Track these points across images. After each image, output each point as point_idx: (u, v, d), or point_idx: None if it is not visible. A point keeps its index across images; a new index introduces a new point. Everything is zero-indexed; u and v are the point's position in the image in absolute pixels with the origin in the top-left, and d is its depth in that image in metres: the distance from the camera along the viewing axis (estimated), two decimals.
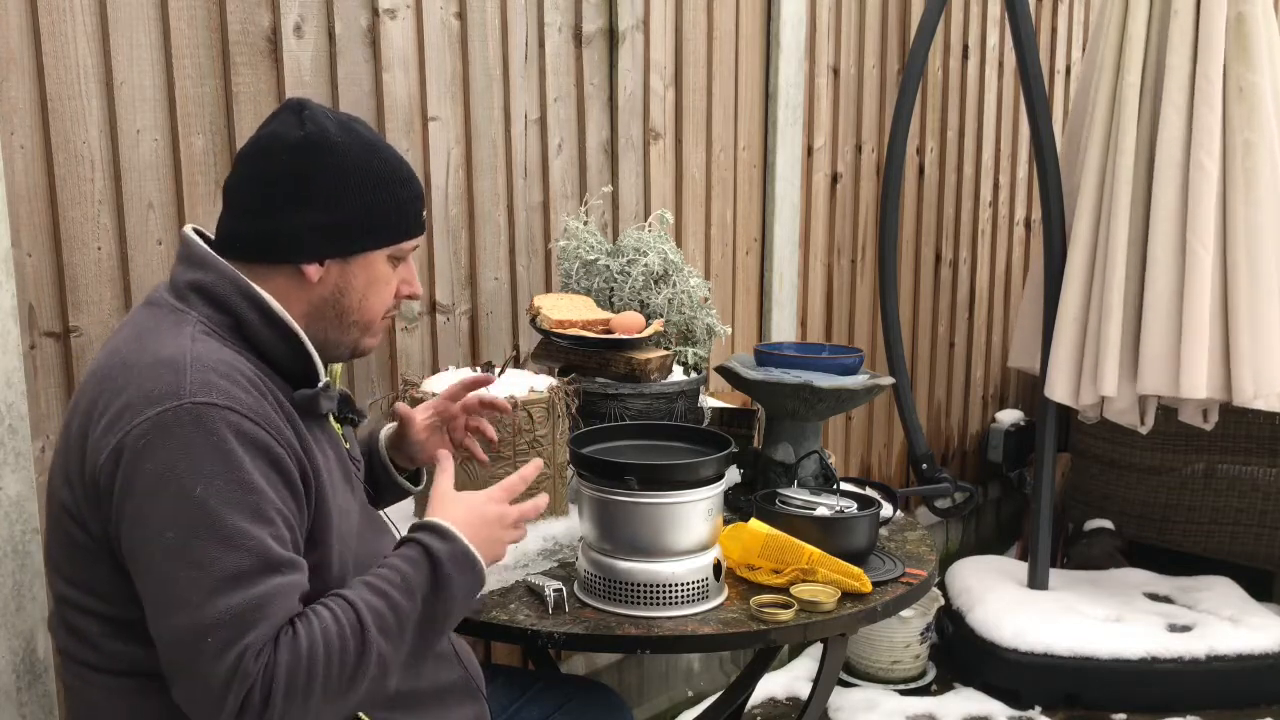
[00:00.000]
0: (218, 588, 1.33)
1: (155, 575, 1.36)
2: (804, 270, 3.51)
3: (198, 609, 1.32)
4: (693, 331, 2.50)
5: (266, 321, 1.49)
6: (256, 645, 1.33)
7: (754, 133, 3.26)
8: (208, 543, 1.34)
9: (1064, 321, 3.39)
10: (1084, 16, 4.52)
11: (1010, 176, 4.33)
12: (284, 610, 1.37)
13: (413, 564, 1.48)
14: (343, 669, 1.38)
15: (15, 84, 1.83)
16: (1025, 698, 3.40)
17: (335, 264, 1.53)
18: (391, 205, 1.55)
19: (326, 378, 1.55)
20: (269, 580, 1.36)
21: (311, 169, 1.50)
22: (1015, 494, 4.46)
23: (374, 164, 1.53)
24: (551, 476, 2.15)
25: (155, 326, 1.47)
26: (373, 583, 1.45)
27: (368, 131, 1.57)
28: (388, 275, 1.58)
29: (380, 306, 1.59)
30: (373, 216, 1.53)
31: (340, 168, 1.51)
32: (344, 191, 1.51)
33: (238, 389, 1.41)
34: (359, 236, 1.53)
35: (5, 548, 1.87)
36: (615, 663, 3.08)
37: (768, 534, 1.99)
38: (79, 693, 1.53)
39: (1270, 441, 3.77)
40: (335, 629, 1.38)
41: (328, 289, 1.54)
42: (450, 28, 2.46)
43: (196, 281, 1.50)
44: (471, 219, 2.57)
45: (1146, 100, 3.26)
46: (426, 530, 1.52)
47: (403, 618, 1.43)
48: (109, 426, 1.38)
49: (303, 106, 1.54)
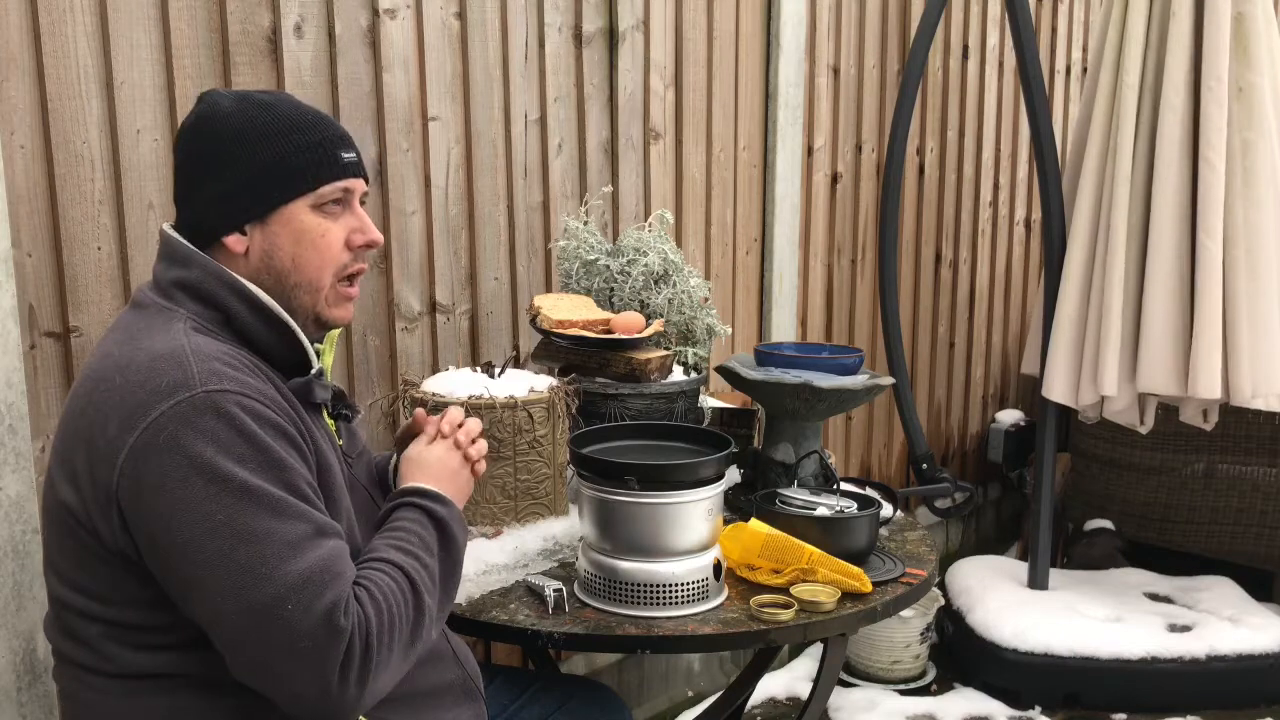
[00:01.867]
0: (284, 555, 1.34)
1: (209, 561, 1.34)
2: (804, 270, 3.51)
3: (268, 580, 1.33)
4: (693, 331, 2.50)
5: (253, 310, 1.49)
6: (341, 602, 1.35)
7: (754, 133, 3.26)
8: (260, 516, 1.34)
9: (1062, 321, 3.39)
10: (1084, 16, 4.52)
11: (1010, 176, 4.33)
12: (348, 568, 1.40)
13: (423, 526, 1.55)
14: (407, 622, 1.44)
15: (15, 84, 1.83)
16: (1025, 698, 3.40)
17: (255, 228, 1.50)
18: (292, 153, 1.49)
19: (319, 365, 1.55)
20: (325, 542, 1.38)
21: (204, 143, 1.50)
22: (1015, 494, 4.46)
23: (265, 119, 1.50)
24: (551, 476, 2.15)
25: (146, 326, 1.46)
26: (400, 545, 1.51)
27: (269, 95, 1.55)
28: (319, 227, 1.52)
29: (320, 262, 1.53)
30: (272, 167, 1.49)
31: (229, 132, 1.49)
32: (236, 153, 1.49)
33: (244, 374, 1.42)
34: (262, 193, 1.49)
35: (5, 548, 1.87)
36: (615, 663, 3.08)
37: (768, 534, 1.99)
38: (73, 696, 1.52)
39: (1270, 441, 3.77)
40: (395, 587, 1.44)
41: (256, 256, 1.51)
42: (450, 28, 2.46)
43: (180, 279, 1.49)
44: (471, 219, 2.57)
45: (1146, 100, 3.26)
46: (424, 496, 1.59)
47: (432, 574, 1.51)
48: (122, 427, 1.37)
49: (206, 93, 1.54)
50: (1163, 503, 3.91)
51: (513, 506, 2.11)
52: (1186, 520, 3.89)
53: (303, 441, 1.45)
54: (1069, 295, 3.38)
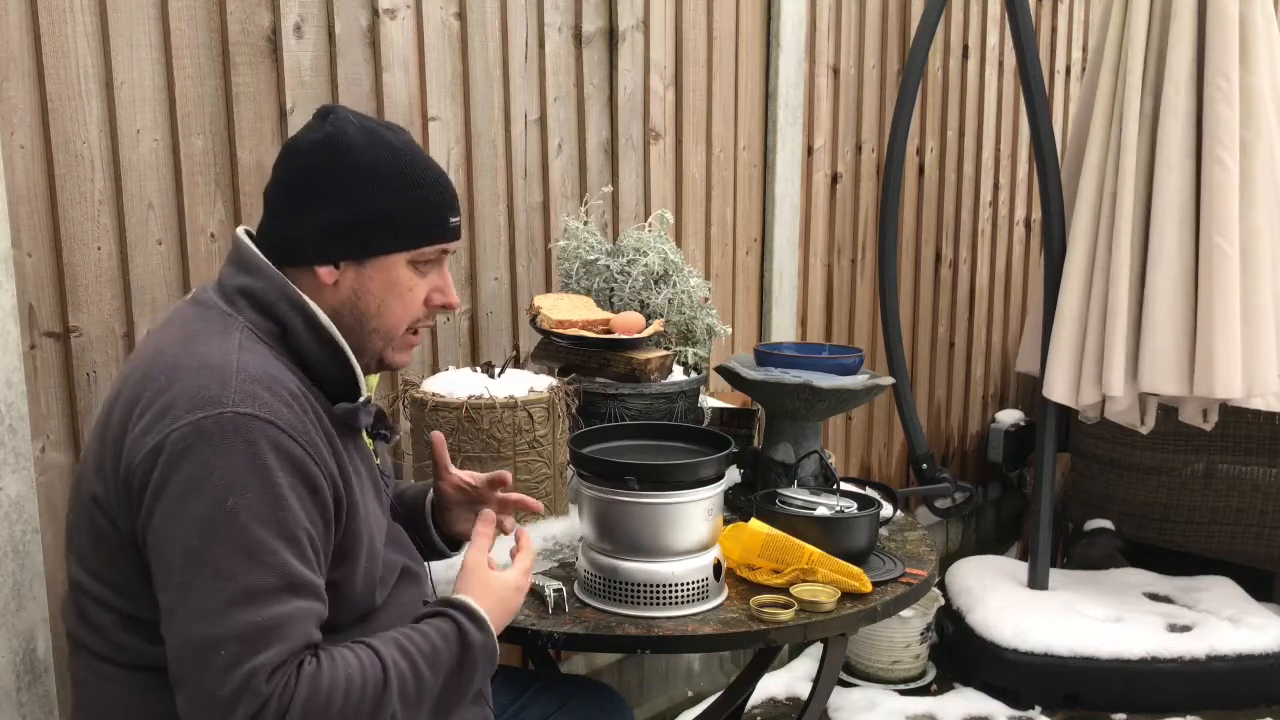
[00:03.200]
0: (235, 600, 1.32)
1: (175, 580, 1.35)
2: (804, 270, 3.51)
3: (212, 620, 1.32)
4: (693, 331, 2.50)
5: (311, 330, 1.49)
6: (269, 667, 1.32)
7: (754, 133, 3.26)
8: (231, 554, 1.33)
9: (1062, 321, 3.39)
10: (1084, 16, 4.52)
11: (1010, 176, 4.33)
12: (301, 635, 1.36)
13: (445, 640, 1.49)
14: (355, 715, 1.37)
15: (15, 84, 1.83)
16: (1025, 698, 3.40)
17: (351, 267, 1.51)
18: (409, 207, 1.51)
19: (367, 393, 1.55)
20: (289, 602, 1.35)
21: (325, 168, 1.50)
22: (1015, 494, 4.46)
23: (392, 165, 1.50)
24: (551, 476, 2.15)
25: (203, 329, 1.46)
26: (403, 645, 1.45)
27: (396, 136, 1.54)
28: (409, 281, 1.54)
29: (402, 314, 1.55)
30: (388, 217, 1.50)
31: (354, 166, 1.49)
32: (356, 190, 1.49)
33: (280, 403, 1.40)
34: (372, 237, 1.51)
35: (5, 548, 1.87)
36: (615, 663, 3.08)
37: (768, 534, 1.99)
38: (84, 682, 1.52)
39: (1270, 441, 3.77)
40: (359, 678, 1.39)
41: (344, 293, 1.52)
42: (450, 28, 2.46)
43: (245, 287, 1.49)
44: (471, 219, 2.57)
45: (1148, 100, 3.26)
46: (464, 612, 1.53)
47: (423, 689, 1.45)
48: (150, 426, 1.38)
49: (330, 110, 1.53)
50: (1163, 503, 3.91)
51: None
52: (1186, 520, 3.89)
53: (322, 479, 1.42)
54: (1070, 295, 3.37)
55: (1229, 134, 3.15)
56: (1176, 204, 3.21)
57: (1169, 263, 3.22)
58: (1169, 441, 3.84)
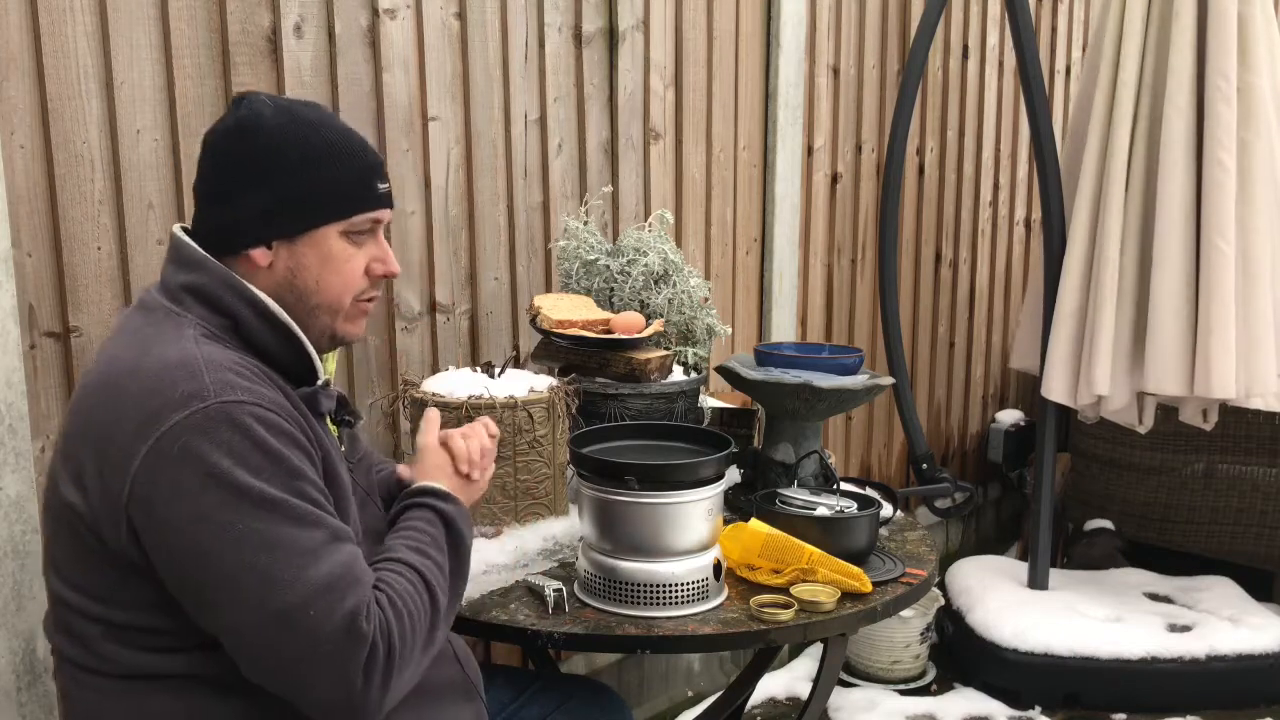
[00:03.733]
0: (305, 561, 1.35)
1: (232, 570, 1.34)
2: (804, 270, 3.51)
3: (290, 586, 1.34)
4: (693, 331, 2.50)
5: (260, 318, 1.49)
6: (361, 608, 1.36)
7: (754, 133, 3.26)
8: (279, 524, 1.35)
9: (1061, 321, 3.39)
10: (1084, 16, 4.52)
11: (1010, 176, 4.33)
12: (367, 572, 1.42)
13: (432, 524, 1.58)
14: (425, 621, 1.46)
15: (15, 84, 1.83)
16: (1025, 698, 3.40)
17: (283, 246, 1.51)
18: (332, 179, 1.51)
19: (325, 375, 1.56)
20: (343, 547, 1.40)
21: (242, 152, 1.49)
22: (1015, 494, 4.46)
23: (311, 140, 1.50)
24: (551, 476, 2.15)
25: (155, 332, 1.45)
26: (411, 544, 1.54)
27: (313, 111, 1.54)
28: (345, 252, 1.53)
29: (342, 286, 1.54)
30: (311, 192, 1.50)
31: (271, 147, 1.49)
32: (276, 170, 1.49)
33: (257, 384, 1.42)
34: (298, 214, 1.50)
35: (5, 548, 1.87)
36: (615, 663, 3.08)
37: (768, 534, 1.99)
38: (73, 696, 1.52)
39: (1270, 441, 3.77)
40: (411, 589, 1.46)
41: (280, 273, 1.51)
42: (450, 28, 2.46)
43: (189, 284, 1.49)
44: (471, 219, 2.57)
45: (1145, 99, 3.26)
46: (433, 495, 1.63)
47: (444, 571, 1.54)
48: (135, 436, 1.36)
49: (243, 98, 1.53)
50: (1163, 503, 3.91)
51: (513, 506, 2.11)
52: (1186, 520, 3.89)
53: (313, 449, 1.46)
54: (1068, 295, 3.37)
55: (1227, 134, 3.15)
56: (1178, 204, 3.21)
57: (1171, 262, 3.22)
58: (1169, 441, 3.84)
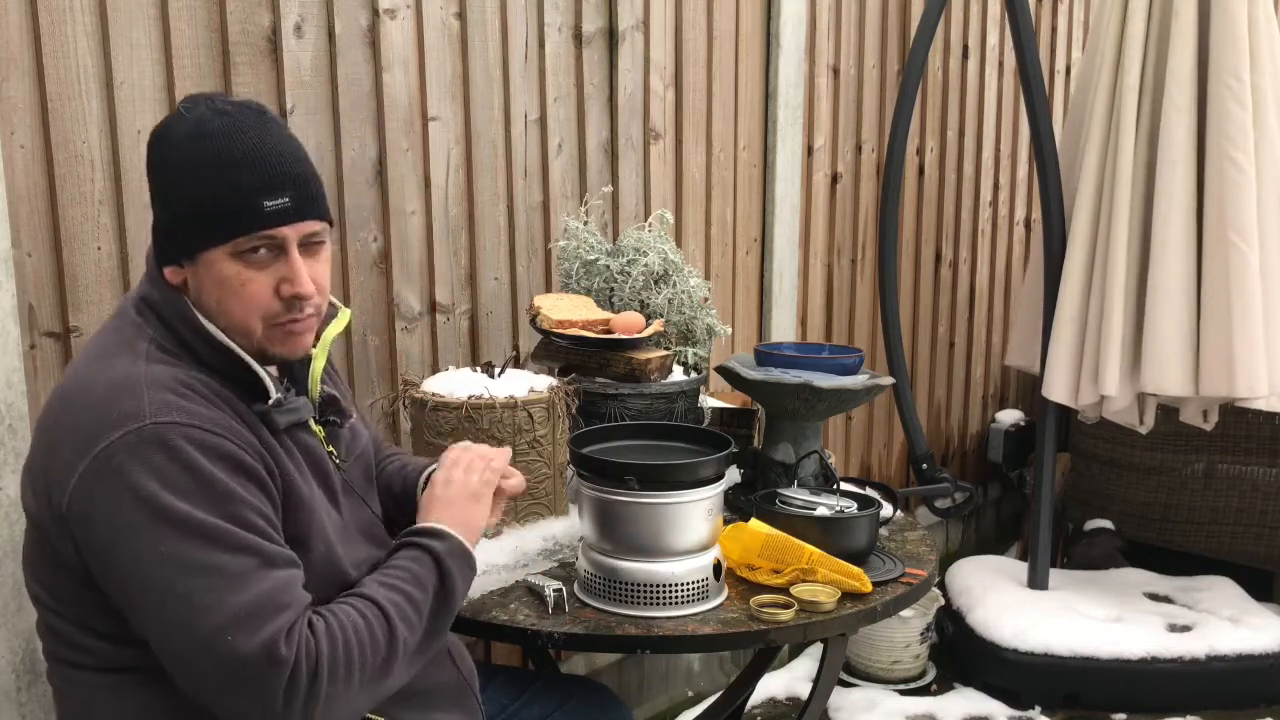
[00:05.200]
0: (228, 588, 1.33)
1: (158, 594, 1.35)
2: (804, 270, 3.51)
3: (212, 611, 1.33)
4: (693, 331, 2.50)
5: (199, 338, 1.47)
6: (280, 633, 1.34)
7: (754, 133, 3.26)
8: (201, 549, 1.34)
9: (1062, 321, 3.38)
10: (1084, 16, 4.52)
11: (1010, 176, 4.33)
12: (297, 598, 1.39)
13: (418, 561, 1.54)
14: (375, 654, 1.42)
15: (15, 84, 1.83)
16: (1025, 698, 3.40)
17: (187, 265, 1.45)
18: (212, 198, 1.41)
19: (278, 394, 1.50)
20: (273, 573, 1.37)
21: (151, 165, 1.48)
22: (1015, 494, 4.46)
23: (198, 155, 1.41)
24: (551, 476, 2.15)
25: (115, 343, 1.46)
26: (385, 580, 1.51)
27: (224, 119, 1.43)
28: (238, 275, 1.43)
29: (244, 310, 1.44)
30: (194, 210, 1.42)
31: (168, 160, 1.44)
32: (171, 184, 1.45)
33: (196, 404, 1.40)
34: (185, 235, 1.43)
35: (5, 548, 1.87)
36: (615, 663, 3.08)
37: (768, 534, 1.99)
38: (64, 692, 1.54)
39: (1270, 441, 3.77)
40: (363, 620, 1.44)
41: (192, 293, 1.47)
42: (450, 28, 2.46)
43: (147, 297, 1.49)
44: (471, 219, 2.57)
45: (1146, 99, 3.26)
46: (427, 535, 1.59)
47: (418, 607, 1.50)
48: (75, 451, 1.37)
49: (184, 101, 1.48)
50: (1163, 503, 3.91)
51: (513, 506, 2.11)
52: (1186, 520, 3.89)
53: (256, 464, 1.42)
54: (1069, 295, 3.37)
55: (1242, 133, 3.14)
56: (1181, 203, 3.20)
57: (1173, 262, 3.21)
58: (1169, 441, 3.84)
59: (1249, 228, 3.15)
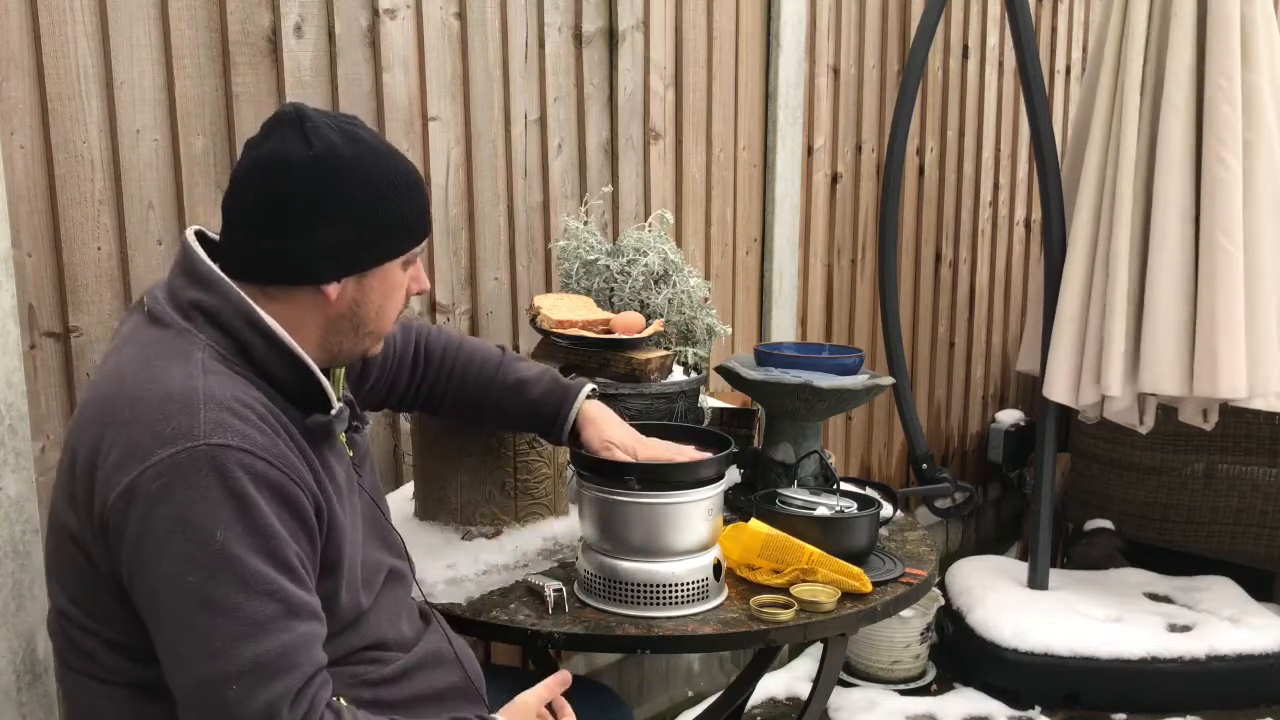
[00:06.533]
0: (242, 634, 1.31)
1: (174, 621, 1.33)
2: (804, 270, 3.51)
3: (221, 656, 1.31)
4: (693, 331, 2.50)
5: (273, 349, 1.45)
6: (288, 695, 1.32)
7: (754, 133, 3.26)
8: (230, 588, 1.32)
9: (1062, 321, 3.39)
10: (1084, 16, 4.52)
11: (1010, 176, 4.33)
12: (311, 660, 1.36)
13: None
14: None
15: (15, 84, 1.83)
16: (1025, 698, 3.40)
17: (352, 279, 1.50)
18: (402, 212, 1.51)
19: (339, 404, 1.52)
20: (293, 627, 1.35)
21: (324, 188, 1.45)
22: (1015, 494, 4.45)
23: (382, 173, 1.49)
24: (551, 476, 2.15)
25: (163, 351, 1.42)
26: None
27: (370, 135, 1.52)
28: (401, 281, 1.56)
29: (394, 313, 1.58)
30: (386, 227, 1.50)
31: (352, 183, 1.46)
32: (358, 207, 1.47)
33: (252, 428, 1.37)
34: (376, 250, 1.50)
35: (5, 548, 1.87)
36: (615, 663, 3.08)
37: (768, 534, 1.99)
38: (76, 699, 1.52)
39: (1270, 441, 3.77)
40: None
41: (345, 305, 1.51)
42: (450, 28, 2.46)
43: (200, 302, 1.45)
44: (471, 219, 2.57)
45: (1147, 100, 3.26)
46: None
47: None
48: (119, 465, 1.34)
49: (303, 119, 1.46)
50: (1163, 503, 3.91)
51: (513, 506, 2.11)
52: (1186, 520, 3.89)
53: (304, 498, 1.41)
54: (1070, 295, 3.37)
55: (1231, 134, 3.15)
56: (1178, 204, 3.20)
57: (1170, 262, 3.22)
58: (1169, 441, 3.83)
59: (1236, 229, 3.15)
